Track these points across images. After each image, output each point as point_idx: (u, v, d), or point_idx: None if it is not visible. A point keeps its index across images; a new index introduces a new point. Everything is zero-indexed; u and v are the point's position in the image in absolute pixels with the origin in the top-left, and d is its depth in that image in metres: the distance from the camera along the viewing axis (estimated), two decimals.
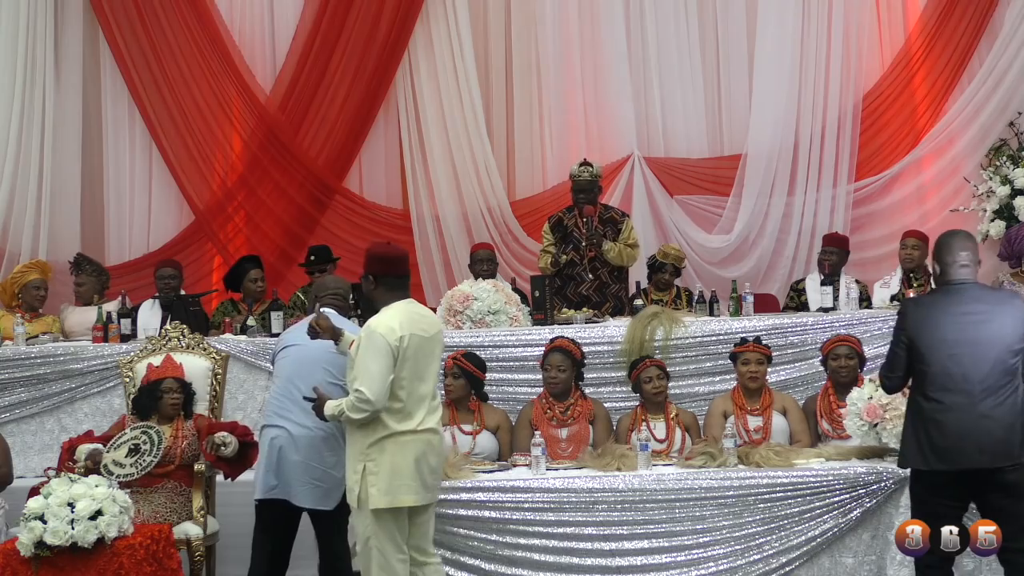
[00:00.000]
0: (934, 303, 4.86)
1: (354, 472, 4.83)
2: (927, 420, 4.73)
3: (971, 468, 4.67)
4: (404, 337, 4.79)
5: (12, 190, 8.86)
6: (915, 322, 4.82)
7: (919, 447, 4.75)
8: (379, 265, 5.00)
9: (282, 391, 5.43)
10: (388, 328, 4.80)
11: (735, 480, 5.37)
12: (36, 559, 5.05)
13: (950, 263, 4.82)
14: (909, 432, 4.82)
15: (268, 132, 9.13)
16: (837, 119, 8.93)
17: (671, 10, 9.12)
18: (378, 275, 4.98)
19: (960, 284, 4.80)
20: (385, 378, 4.73)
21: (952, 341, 4.72)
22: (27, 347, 7.21)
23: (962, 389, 4.68)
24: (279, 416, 5.40)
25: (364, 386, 4.72)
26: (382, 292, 4.96)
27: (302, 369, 5.38)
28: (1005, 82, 8.66)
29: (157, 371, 6.07)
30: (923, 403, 4.76)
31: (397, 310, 4.90)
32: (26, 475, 6.65)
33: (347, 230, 9.18)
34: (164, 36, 9.12)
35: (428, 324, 5.01)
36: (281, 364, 5.52)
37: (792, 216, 8.96)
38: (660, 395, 6.15)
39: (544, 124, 9.25)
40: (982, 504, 4.81)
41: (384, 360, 4.74)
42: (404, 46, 9.16)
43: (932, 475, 4.75)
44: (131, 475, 5.58)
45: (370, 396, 4.71)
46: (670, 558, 5.33)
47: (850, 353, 6.16)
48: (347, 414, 4.78)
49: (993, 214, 8.44)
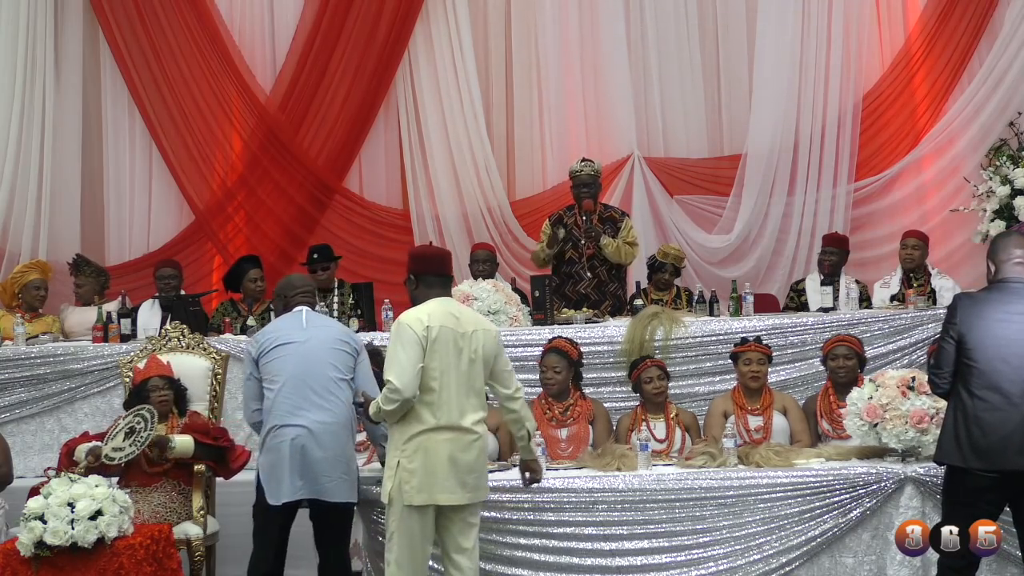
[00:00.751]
0: (987, 300, 4.80)
1: (389, 468, 4.84)
2: (970, 417, 4.67)
3: (1011, 470, 4.61)
4: (432, 328, 4.80)
5: (12, 190, 8.86)
6: (966, 317, 4.76)
7: (958, 444, 4.69)
8: (419, 264, 5.07)
9: (293, 389, 5.35)
10: (415, 319, 4.83)
11: (735, 480, 5.36)
12: (36, 559, 5.05)
13: (1004, 260, 4.79)
14: (949, 428, 4.74)
15: (268, 132, 9.13)
16: (837, 119, 8.93)
17: (671, 10, 9.13)
18: (419, 274, 5.04)
19: (1015, 282, 4.76)
20: (414, 367, 4.73)
21: (1003, 339, 4.66)
22: (27, 347, 7.21)
23: (1009, 389, 4.62)
24: (293, 415, 5.31)
25: (393, 376, 4.73)
26: (423, 290, 5.00)
27: (310, 366, 5.36)
28: (1005, 82, 8.65)
29: (142, 372, 6.10)
30: (967, 400, 4.69)
31: (429, 305, 4.92)
32: (26, 475, 6.65)
33: (347, 230, 9.18)
34: (164, 36, 9.12)
35: (465, 320, 4.97)
36: (281, 363, 5.45)
37: (792, 216, 8.96)
38: (660, 395, 6.15)
39: (544, 124, 9.25)
40: (1017, 509, 4.76)
41: (413, 350, 4.75)
42: (404, 46, 9.16)
43: (970, 475, 4.68)
44: (132, 453, 5.55)
45: (399, 385, 4.71)
46: (670, 558, 5.33)
47: (849, 353, 6.16)
48: (381, 408, 4.80)
49: (993, 214, 8.43)
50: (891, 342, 6.98)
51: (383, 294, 7.70)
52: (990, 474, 4.63)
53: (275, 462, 5.30)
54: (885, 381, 5.47)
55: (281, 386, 5.37)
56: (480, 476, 4.93)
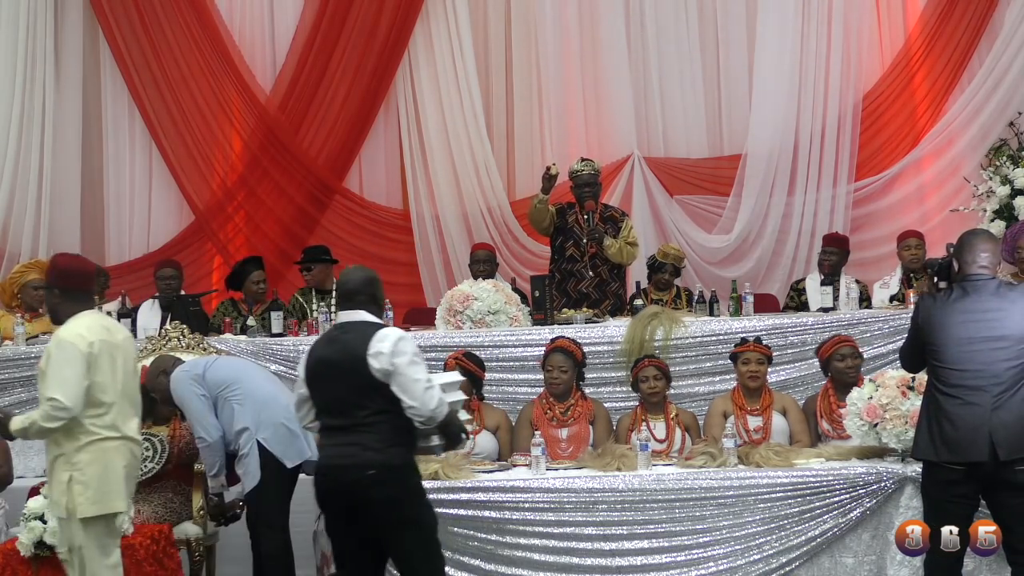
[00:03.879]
0: (950, 300, 4.86)
1: (59, 483, 4.68)
2: (941, 413, 4.75)
3: (981, 462, 4.66)
4: (94, 343, 4.71)
5: (12, 190, 8.86)
6: (928, 318, 4.86)
7: (931, 439, 4.77)
8: (68, 279, 4.90)
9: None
10: (77, 335, 4.71)
11: (735, 480, 5.36)
12: (36, 559, 5.06)
13: (970, 261, 4.84)
14: (923, 424, 4.84)
15: (268, 132, 9.13)
16: (837, 119, 8.93)
17: (671, 10, 9.13)
18: (67, 289, 4.86)
19: (977, 281, 4.81)
20: (80, 384, 4.63)
21: (967, 339, 4.74)
22: (27, 347, 7.21)
23: (978, 385, 4.70)
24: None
25: (59, 393, 4.59)
26: (69, 305, 4.85)
27: None
28: (1005, 82, 8.66)
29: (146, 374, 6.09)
30: (939, 397, 4.78)
31: (84, 320, 4.81)
32: (26, 475, 6.65)
33: (347, 230, 9.18)
34: (164, 36, 9.12)
35: (116, 331, 4.91)
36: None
37: (792, 216, 8.96)
38: (655, 395, 6.14)
39: (544, 124, 9.25)
40: (992, 503, 4.81)
41: (77, 367, 4.64)
42: (404, 46, 9.17)
43: (942, 469, 4.75)
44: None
45: (67, 403, 4.59)
46: (670, 558, 5.33)
47: (854, 352, 6.17)
48: (40, 425, 4.65)
49: (993, 214, 8.43)
50: (891, 342, 6.97)
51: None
52: (959, 467, 4.71)
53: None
54: (885, 381, 5.47)
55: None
56: (133, 486, 4.90)
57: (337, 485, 4.56)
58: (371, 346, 4.51)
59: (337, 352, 4.61)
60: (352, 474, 4.48)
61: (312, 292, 7.84)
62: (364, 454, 4.48)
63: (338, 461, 4.55)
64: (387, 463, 4.50)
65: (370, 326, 4.63)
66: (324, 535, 5.62)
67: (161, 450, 5.71)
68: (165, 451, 5.73)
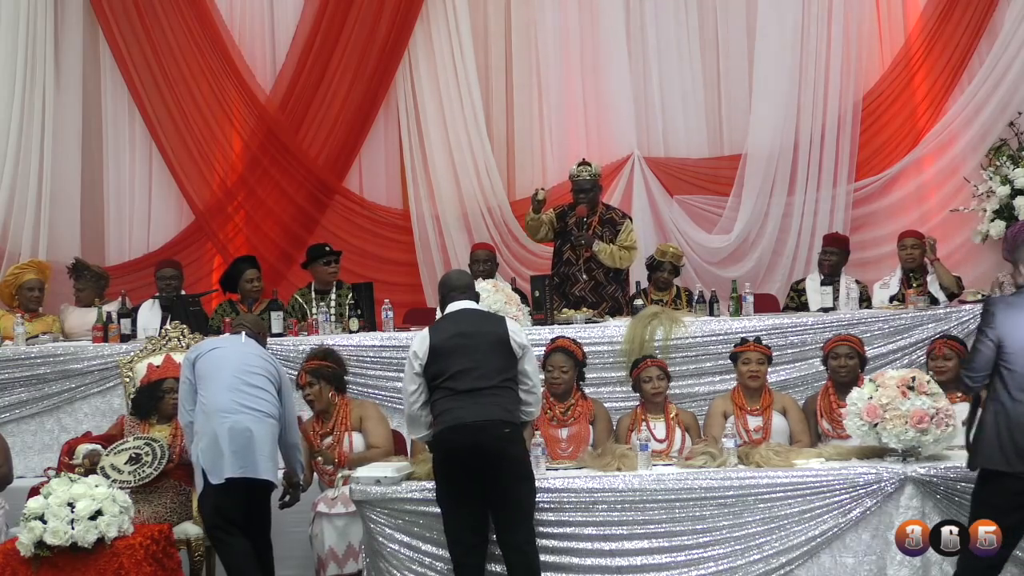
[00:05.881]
0: (1020, 303, 4.77)
1: None
2: (1012, 421, 4.64)
3: None
4: None
5: (12, 190, 8.85)
6: (1004, 322, 4.72)
7: (1001, 448, 4.66)
8: None
9: None
10: None
11: (735, 480, 5.36)
12: (36, 559, 5.06)
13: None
14: (991, 433, 4.70)
15: (268, 132, 9.13)
16: (837, 119, 8.92)
17: (671, 10, 9.13)
18: None
19: None
20: None
21: None
22: (27, 347, 7.22)
23: None
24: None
25: None
26: None
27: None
28: (1005, 82, 8.65)
29: (158, 371, 6.09)
30: (1009, 404, 4.67)
31: None
32: (26, 475, 6.66)
33: (347, 230, 9.18)
34: (164, 36, 9.12)
35: None
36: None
37: (792, 216, 8.95)
38: (659, 395, 6.14)
39: (544, 124, 9.25)
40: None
41: None
42: (404, 46, 9.16)
43: (1013, 479, 4.65)
44: (128, 483, 5.59)
45: None
46: (670, 558, 5.32)
47: (850, 353, 6.16)
48: None
49: (993, 214, 8.43)
50: (891, 342, 6.99)
51: (383, 294, 7.72)
52: None
53: None
54: (885, 381, 5.46)
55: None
56: None
57: (476, 439, 5.07)
58: (509, 326, 5.29)
59: (478, 327, 5.28)
60: (494, 430, 5.10)
61: (312, 292, 7.83)
62: (503, 413, 5.15)
63: (482, 417, 5.10)
64: (518, 423, 5.24)
65: (490, 313, 5.59)
66: (320, 538, 5.64)
67: (160, 455, 5.70)
68: (164, 456, 5.72)
